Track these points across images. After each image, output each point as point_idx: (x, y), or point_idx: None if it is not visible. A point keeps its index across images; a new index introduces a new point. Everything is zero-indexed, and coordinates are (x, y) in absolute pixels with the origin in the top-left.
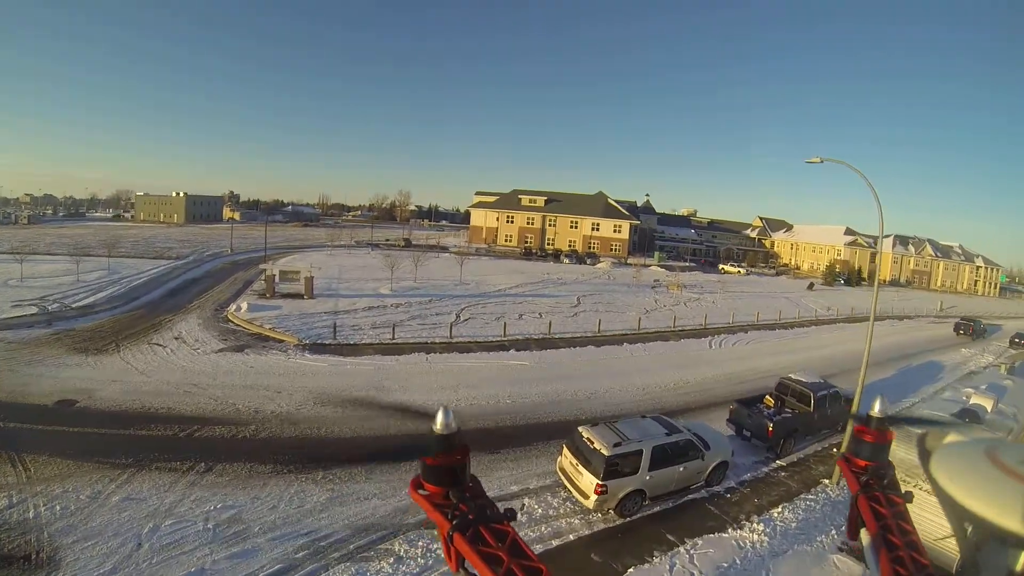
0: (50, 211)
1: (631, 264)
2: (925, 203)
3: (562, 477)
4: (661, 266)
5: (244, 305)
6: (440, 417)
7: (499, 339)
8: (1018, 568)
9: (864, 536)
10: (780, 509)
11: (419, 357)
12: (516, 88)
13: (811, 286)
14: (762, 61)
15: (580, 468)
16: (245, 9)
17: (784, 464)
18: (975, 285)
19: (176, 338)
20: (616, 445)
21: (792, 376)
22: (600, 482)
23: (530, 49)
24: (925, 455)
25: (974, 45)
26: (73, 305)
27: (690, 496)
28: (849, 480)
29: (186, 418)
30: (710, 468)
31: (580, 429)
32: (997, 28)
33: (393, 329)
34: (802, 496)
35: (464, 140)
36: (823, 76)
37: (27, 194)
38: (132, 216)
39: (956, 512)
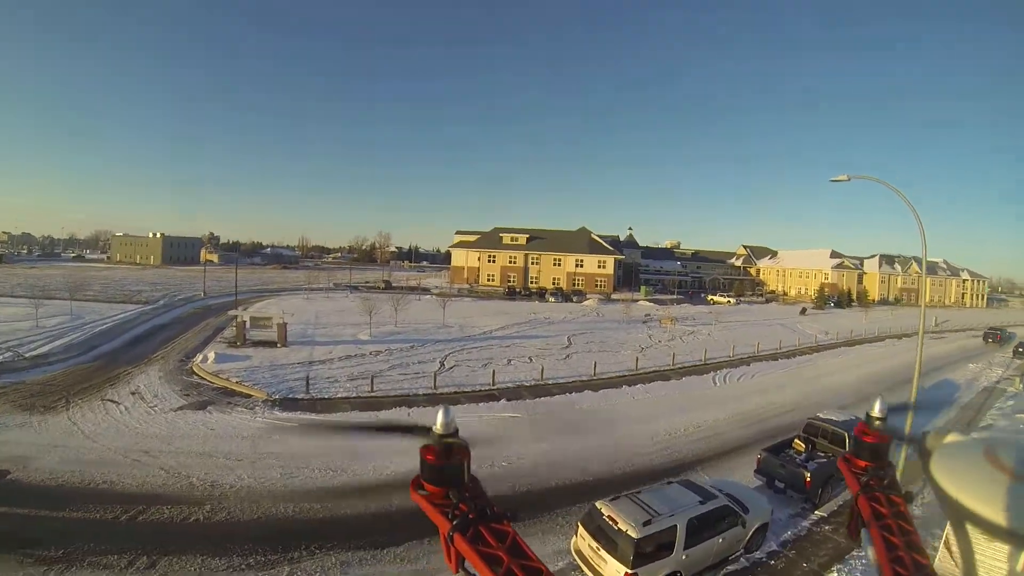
0: (25, 250)
1: (618, 300)
2: (908, 222)
3: (578, 560)
4: (648, 300)
5: (211, 355)
6: (440, 416)
7: (487, 388)
8: (1018, 568)
9: (864, 536)
10: (835, 573)
11: (400, 412)
12: (495, 126)
13: (803, 311)
14: (739, 90)
15: (603, 553)
16: (224, 54)
17: (824, 515)
18: (962, 298)
19: (133, 393)
20: (646, 524)
21: (821, 416)
22: (629, 570)
23: (508, 88)
24: (925, 455)
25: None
26: (27, 354)
27: (729, 567)
28: (849, 480)
29: (131, 496)
30: (750, 534)
31: (599, 505)
32: (992, 37)
33: (372, 381)
34: (854, 554)
35: (444, 180)
36: (802, 101)
37: (4, 232)
38: (108, 257)
39: (956, 512)
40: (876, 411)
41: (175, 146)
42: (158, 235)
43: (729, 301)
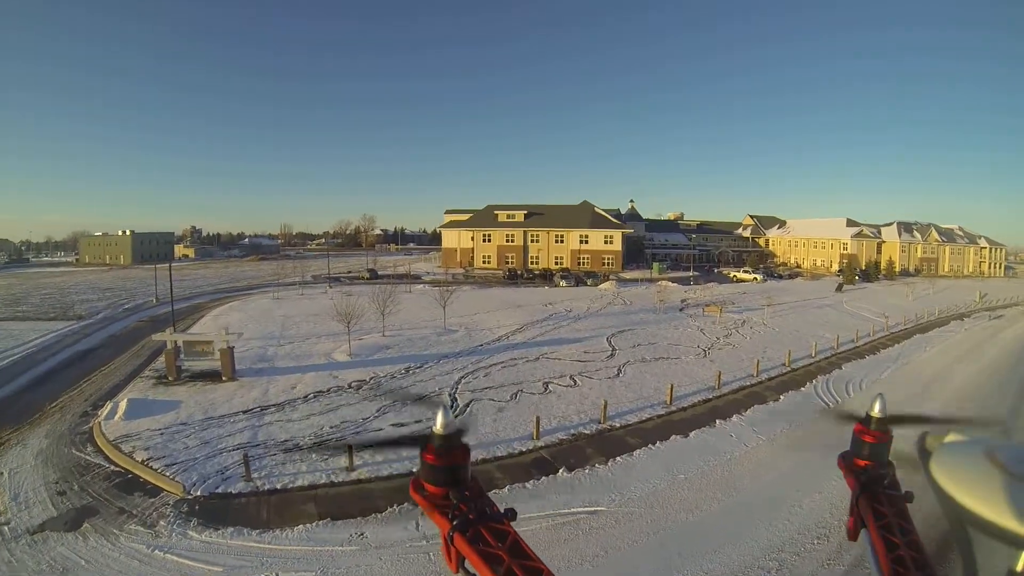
0: None
1: (634, 280)
2: (917, 185)
3: None
4: (666, 279)
5: (123, 404)
6: (440, 416)
7: (531, 447)
8: (1018, 568)
9: (864, 536)
10: None
11: (404, 531)
12: (485, 97)
13: (840, 288)
14: (744, 51)
15: None
16: (198, 40)
17: None
18: (980, 267)
19: None
20: None
21: None
22: None
23: (499, 57)
24: (925, 455)
25: (967, 41)
26: None
27: None
28: (849, 480)
29: None
30: None
31: None
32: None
33: (350, 453)
34: None
35: (431, 158)
36: (804, 62)
37: None
38: (77, 259)
39: (956, 512)
40: (876, 410)
41: (156, 140)
42: (127, 232)
43: (756, 278)
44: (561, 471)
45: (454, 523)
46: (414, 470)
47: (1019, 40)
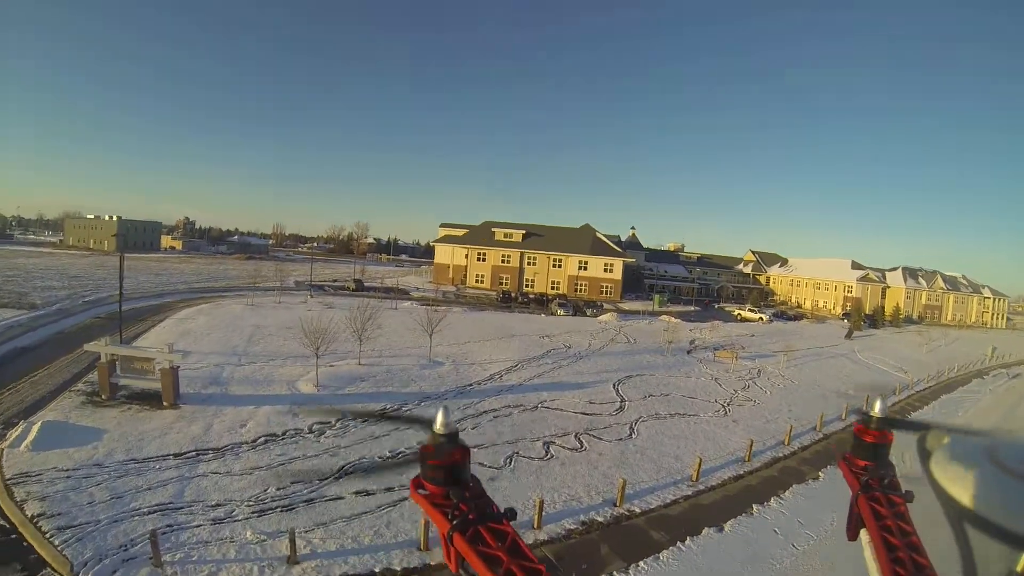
0: None
1: (631, 311)
2: (919, 233)
3: None
4: (669, 312)
5: (35, 429)
6: (440, 417)
7: (530, 541)
8: (1018, 568)
9: (864, 536)
10: None
11: None
12: (487, 113)
13: (850, 334)
14: (746, 86)
15: None
16: (209, 35)
17: None
18: (983, 317)
19: None
20: None
21: None
22: None
23: (504, 75)
24: (925, 455)
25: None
26: None
27: None
28: (849, 480)
29: None
30: None
31: None
32: (1000, 42)
33: (292, 540)
34: None
35: (427, 168)
36: (808, 98)
37: None
38: (61, 241)
39: (956, 512)
40: (876, 410)
41: (158, 130)
42: (113, 218)
43: (761, 318)
44: None
45: (454, 523)
46: (376, 570)
47: None
